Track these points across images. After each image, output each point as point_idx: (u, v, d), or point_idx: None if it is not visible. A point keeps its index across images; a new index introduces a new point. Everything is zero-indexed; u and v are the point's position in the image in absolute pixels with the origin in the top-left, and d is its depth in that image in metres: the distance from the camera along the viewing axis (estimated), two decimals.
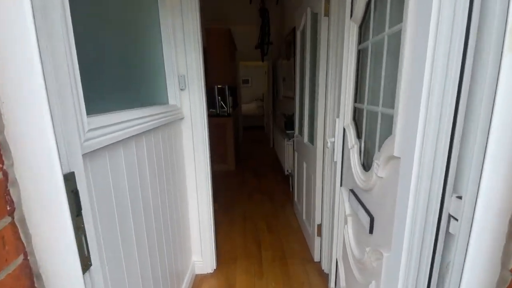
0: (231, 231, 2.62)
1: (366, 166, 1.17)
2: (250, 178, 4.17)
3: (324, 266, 2.05)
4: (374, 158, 1.01)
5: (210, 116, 4.34)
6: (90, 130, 0.71)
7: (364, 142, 1.17)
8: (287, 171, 3.69)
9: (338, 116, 1.43)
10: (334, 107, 1.61)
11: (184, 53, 1.61)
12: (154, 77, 1.42)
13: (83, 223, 0.58)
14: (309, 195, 2.25)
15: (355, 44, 1.22)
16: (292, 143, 3.35)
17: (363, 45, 1.15)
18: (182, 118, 1.70)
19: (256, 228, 2.68)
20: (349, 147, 1.28)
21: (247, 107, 9.59)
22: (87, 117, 0.73)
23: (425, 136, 0.66)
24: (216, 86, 4.29)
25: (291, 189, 3.67)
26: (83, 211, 0.58)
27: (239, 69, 6.80)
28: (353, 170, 1.23)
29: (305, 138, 2.32)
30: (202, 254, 2.00)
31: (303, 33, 2.27)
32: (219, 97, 4.47)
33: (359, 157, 1.19)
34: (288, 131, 3.70)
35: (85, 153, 0.69)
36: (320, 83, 1.75)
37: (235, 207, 3.15)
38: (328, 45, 1.60)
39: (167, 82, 1.57)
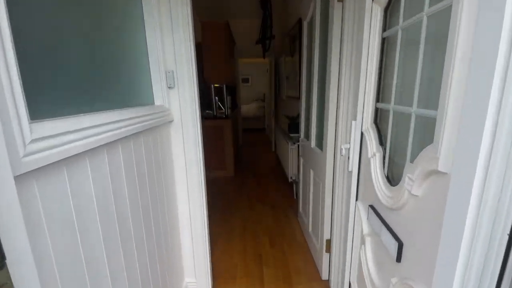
0: (229, 245, 2.45)
1: (392, 179, 1.00)
2: (250, 185, 4.00)
3: (333, 286, 1.89)
4: (405, 171, 0.84)
5: (207, 118, 4.21)
6: (34, 140, 0.55)
7: (389, 150, 1.01)
8: (291, 177, 3.52)
9: (354, 119, 1.26)
10: (348, 108, 1.44)
11: (172, 43, 1.44)
12: (135, 72, 1.26)
13: (9, 279, 0.41)
14: (317, 206, 2.09)
15: (378, 31, 1.06)
16: (297, 147, 3.19)
17: (389, 31, 0.99)
18: (171, 121, 1.54)
19: (257, 241, 2.51)
20: (369, 155, 1.12)
21: (247, 108, 9.43)
22: (32, 122, 0.57)
23: (494, 146, 0.50)
24: (213, 85, 4.13)
25: (295, 197, 3.51)
26: (9, 261, 0.42)
27: (239, 67, 6.65)
28: (374, 183, 1.07)
29: (313, 143, 2.16)
30: (195, 275, 1.83)
31: (311, 24, 2.12)
32: (217, 98, 4.32)
33: (382, 168, 1.03)
34: (292, 134, 3.54)
35: (26, 172, 0.53)
36: (331, 80, 1.59)
37: (234, 218, 2.98)
38: (342, 35, 1.44)
39: (153, 78, 1.41)
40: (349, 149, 1.32)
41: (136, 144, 1.11)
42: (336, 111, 1.63)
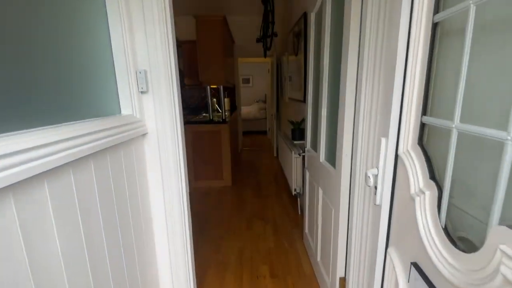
0: (222, 280, 2.13)
1: (453, 233, 0.68)
2: (249, 197, 3.67)
3: None
4: (491, 237, 0.52)
5: (202, 122, 3.90)
6: None
7: (449, 188, 0.68)
8: (295, 189, 3.20)
9: (385, 135, 0.94)
10: (371, 118, 1.12)
11: (144, 34, 1.13)
12: (92, 73, 0.94)
13: None
14: (327, 233, 1.76)
15: (425, 13, 0.74)
16: (302, 157, 2.87)
17: (448, 12, 0.67)
18: (145, 134, 1.23)
19: (256, 271, 2.18)
20: (412, 191, 0.80)
21: (248, 110, 9.12)
22: None
23: None
24: (208, 87, 3.82)
25: (299, 213, 3.18)
26: None
27: (238, 67, 6.33)
28: (421, 234, 0.74)
29: (322, 156, 1.84)
30: None
31: (319, 15, 1.80)
32: (214, 99, 4.01)
33: (437, 215, 0.71)
34: (296, 142, 3.22)
35: None
36: (347, 80, 1.27)
37: (228, 239, 2.66)
38: (363, 22, 1.12)
39: (118, 81, 1.10)
40: (377, 175, 1.00)
41: (84, 174, 0.79)
42: (354, 120, 1.31)
